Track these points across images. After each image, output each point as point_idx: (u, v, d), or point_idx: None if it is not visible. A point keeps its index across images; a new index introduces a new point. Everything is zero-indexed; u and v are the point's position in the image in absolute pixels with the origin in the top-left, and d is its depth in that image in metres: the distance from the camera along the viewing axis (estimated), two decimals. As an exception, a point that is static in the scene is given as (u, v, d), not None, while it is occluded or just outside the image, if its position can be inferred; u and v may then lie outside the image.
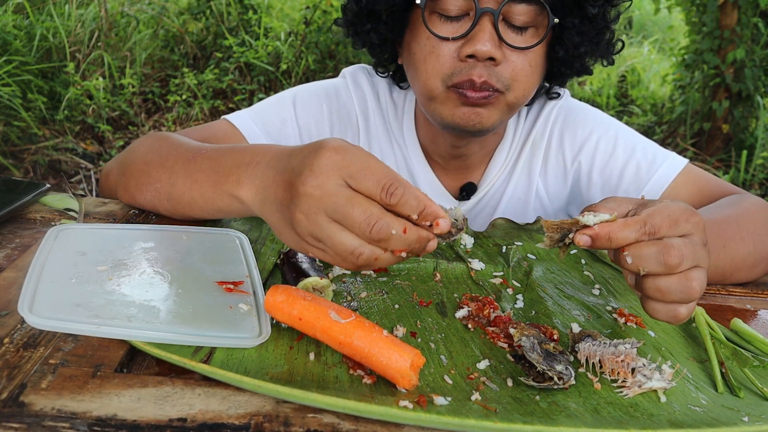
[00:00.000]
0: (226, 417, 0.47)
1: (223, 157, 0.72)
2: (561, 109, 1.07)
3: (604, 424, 0.50)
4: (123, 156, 0.90)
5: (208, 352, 0.55)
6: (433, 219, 0.54)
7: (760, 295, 0.82)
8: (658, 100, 4.82)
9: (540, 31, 0.88)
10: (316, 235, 0.55)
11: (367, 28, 0.95)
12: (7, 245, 0.73)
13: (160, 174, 0.80)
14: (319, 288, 0.65)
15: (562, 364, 0.56)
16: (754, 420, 0.53)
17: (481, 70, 0.86)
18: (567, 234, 0.60)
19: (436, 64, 0.88)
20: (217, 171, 0.71)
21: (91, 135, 3.71)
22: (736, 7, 3.77)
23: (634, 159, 1.01)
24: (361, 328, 0.54)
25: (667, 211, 0.59)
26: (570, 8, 0.89)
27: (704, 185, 0.99)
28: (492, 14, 0.85)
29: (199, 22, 4.35)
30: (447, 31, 0.87)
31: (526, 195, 1.09)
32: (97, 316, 0.56)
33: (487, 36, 0.84)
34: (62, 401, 0.47)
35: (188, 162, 0.76)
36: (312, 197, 0.54)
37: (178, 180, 0.77)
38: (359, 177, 0.54)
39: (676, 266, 0.56)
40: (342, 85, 1.09)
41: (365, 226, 0.52)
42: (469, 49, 0.85)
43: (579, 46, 0.92)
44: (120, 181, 0.87)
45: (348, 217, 0.53)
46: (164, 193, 0.79)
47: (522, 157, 1.07)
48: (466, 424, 0.48)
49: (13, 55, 3.43)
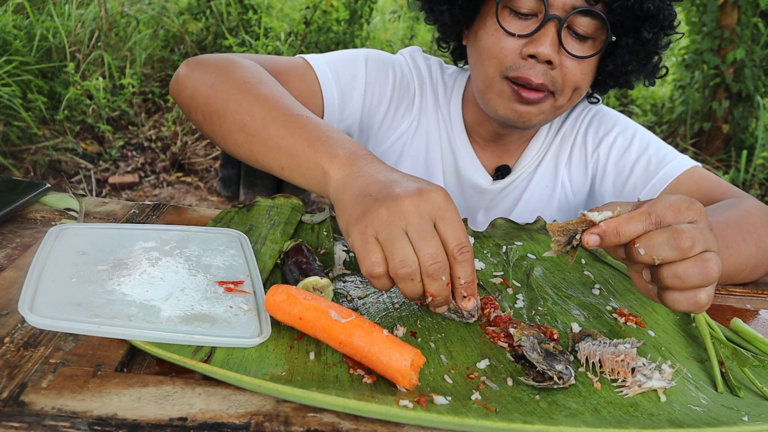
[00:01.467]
0: (226, 416, 0.47)
1: (328, 132, 0.72)
2: (591, 109, 1.14)
3: (604, 424, 0.50)
4: (213, 65, 0.86)
5: (209, 351, 0.55)
6: (470, 294, 0.60)
7: (760, 295, 0.83)
8: (658, 100, 4.82)
9: (597, 44, 0.94)
10: (384, 232, 0.58)
11: (443, 8, 1.01)
12: (7, 245, 0.73)
13: (256, 109, 0.78)
14: (320, 288, 0.65)
15: (562, 364, 0.56)
16: (754, 419, 0.53)
17: (538, 71, 0.92)
18: (573, 236, 0.60)
19: (500, 55, 0.94)
20: (318, 139, 0.71)
21: (91, 135, 3.72)
22: (736, 7, 3.77)
23: (645, 155, 1.06)
24: (362, 327, 0.54)
25: (668, 201, 0.59)
26: (627, 29, 0.94)
27: (705, 186, 1.00)
28: (558, 21, 0.90)
29: (199, 22, 4.35)
30: (515, 28, 0.93)
31: (553, 184, 1.14)
32: (97, 315, 0.56)
33: (549, 40, 0.90)
34: (63, 400, 0.47)
35: (292, 116, 0.76)
36: (407, 208, 0.58)
37: (273, 124, 0.76)
38: (448, 224, 0.59)
39: (690, 249, 0.57)
40: (402, 60, 1.15)
41: (429, 258, 0.57)
42: (531, 49, 0.90)
43: (628, 64, 0.98)
44: (202, 90, 0.84)
45: (422, 242, 0.57)
46: (250, 128, 0.77)
47: (552, 148, 1.13)
48: (466, 423, 0.48)
49: (13, 55, 3.43)
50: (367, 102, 1.09)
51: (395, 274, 0.57)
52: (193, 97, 0.85)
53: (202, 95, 0.83)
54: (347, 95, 1.06)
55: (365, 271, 0.58)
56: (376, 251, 0.58)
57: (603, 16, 0.90)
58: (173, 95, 0.91)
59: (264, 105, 0.78)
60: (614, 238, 0.58)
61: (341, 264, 0.76)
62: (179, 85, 0.89)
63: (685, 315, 0.73)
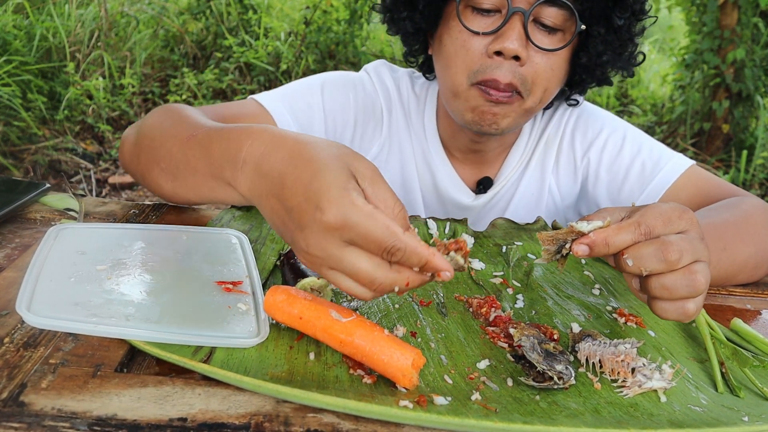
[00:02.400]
0: (226, 417, 0.47)
1: (213, 150, 0.69)
2: (575, 109, 1.10)
3: (604, 424, 0.50)
4: (140, 126, 0.87)
5: (208, 351, 0.55)
6: (435, 272, 0.53)
7: (761, 295, 0.82)
8: (658, 100, 4.82)
9: (567, 35, 0.91)
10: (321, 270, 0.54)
11: (404, 16, 0.98)
12: (7, 245, 0.73)
13: (164, 153, 0.77)
14: (318, 288, 0.65)
15: (562, 364, 0.56)
16: (754, 420, 0.53)
17: (506, 71, 0.88)
18: (563, 245, 0.60)
19: (465, 59, 0.91)
20: (212, 164, 0.68)
21: (91, 135, 3.71)
22: (736, 7, 3.77)
23: (639, 158, 1.03)
24: (363, 327, 0.54)
25: (658, 211, 0.59)
26: (598, 17, 0.91)
27: (705, 187, 0.98)
28: (523, 14, 0.87)
29: (199, 22, 4.35)
30: (479, 26, 0.90)
31: (539, 191, 1.11)
32: (95, 315, 0.56)
33: (515, 35, 0.86)
34: (62, 401, 0.47)
35: (189, 148, 0.73)
36: (315, 256, 0.53)
37: (180, 165, 0.74)
38: (360, 241, 0.52)
39: (677, 261, 0.57)
40: (366, 78, 1.12)
41: (368, 283, 0.52)
42: (497, 46, 0.87)
43: (602, 54, 0.94)
44: (134, 151, 0.85)
45: (352, 272, 0.52)
46: (170, 174, 0.77)
47: (536, 154, 1.10)
48: (466, 423, 0.48)
49: (13, 55, 3.43)
50: (329, 130, 1.06)
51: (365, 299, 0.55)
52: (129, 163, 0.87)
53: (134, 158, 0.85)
54: (306, 128, 1.03)
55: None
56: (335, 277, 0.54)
57: (569, 5, 0.87)
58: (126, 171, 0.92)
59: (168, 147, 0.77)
60: (603, 249, 0.58)
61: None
62: (121, 158, 0.92)
63: (685, 315, 0.73)
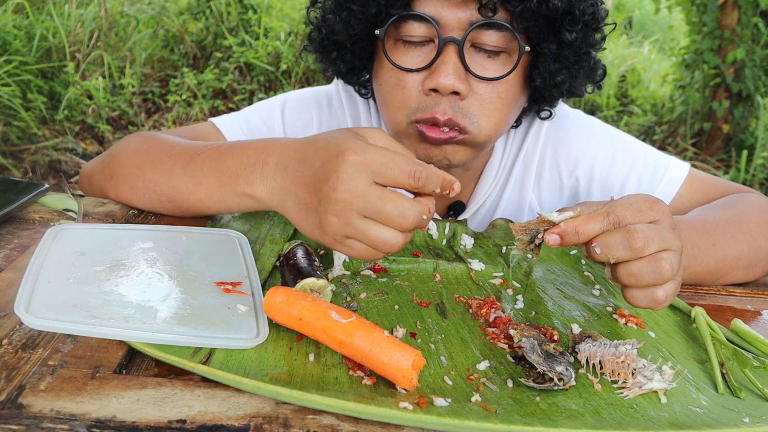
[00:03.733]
0: (225, 418, 0.47)
1: (225, 158, 0.72)
2: (553, 120, 1.00)
3: (604, 425, 0.50)
4: (106, 158, 0.88)
5: (208, 353, 0.55)
6: (450, 186, 0.61)
7: (761, 295, 0.82)
8: (658, 100, 4.81)
9: (513, 56, 0.81)
10: (350, 234, 0.59)
11: (334, 56, 0.91)
12: (5, 246, 0.73)
13: (157, 177, 0.79)
14: (317, 289, 0.64)
15: (562, 365, 0.56)
16: (754, 421, 0.53)
17: (445, 106, 0.81)
18: (536, 235, 0.62)
19: (402, 97, 0.83)
20: (222, 172, 0.71)
21: (91, 135, 3.71)
22: (737, 7, 3.77)
23: (635, 171, 0.98)
24: (362, 327, 0.54)
25: (629, 201, 0.61)
26: (546, 33, 0.81)
27: (709, 190, 0.97)
28: (456, 44, 0.78)
29: (198, 21, 4.35)
30: (411, 60, 0.82)
31: (518, 210, 1.04)
32: (93, 316, 0.56)
33: (450, 68, 0.78)
34: (61, 403, 0.47)
35: (187, 164, 0.76)
36: (344, 201, 0.58)
37: (179, 183, 0.77)
38: (385, 173, 0.58)
39: (642, 248, 0.58)
40: (335, 93, 1.05)
41: (400, 219, 0.58)
42: (431, 83, 0.80)
43: (556, 74, 0.85)
44: (108, 185, 0.86)
45: (382, 214, 0.58)
46: (165, 196, 0.79)
47: (514, 172, 1.02)
48: (466, 425, 0.48)
49: (13, 54, 3.42)
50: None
51: (391, 252, 0.60)
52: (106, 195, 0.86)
53: (110, 190, 0.85)
54: None
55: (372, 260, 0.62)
56: (362, 248, 0.60)
57: (508, 26, 0.78)
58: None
59: (161, 169, 0.78)
60: (573, 238, 0.60)
61: (340, 265, 0.76)
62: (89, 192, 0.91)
63: (685, 316, 0.72)
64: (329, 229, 0.60)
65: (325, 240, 0.62)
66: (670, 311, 0.73)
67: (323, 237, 0.62)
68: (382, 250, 0.60)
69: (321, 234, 0.62)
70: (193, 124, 1.04)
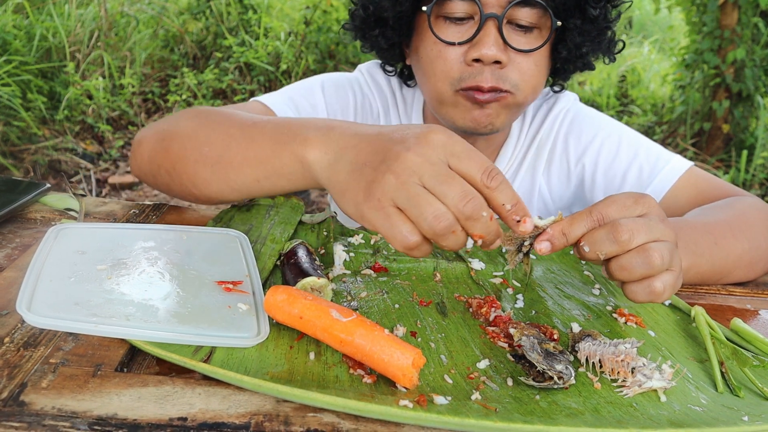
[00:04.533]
0: (226, 416, 0.47)
1: (291, 122, 0.69)
2: (569, 112, 1.08)
3: (604, 424, 0.50)
4: (162, 123, 0.86)
5: (209, 351, 0.55)
6: (523, 215, 0.56)
7: (761, 294, 0.82)
8: (658, 100, 4.82)
9: (544, 32, 0.90)
10: (400, 198, 0.54)
11: (375, 33, 0.97)
12: (7, 245, 0.73)
13: (213, 136, 0.76)
14: (318, 288, 0.65)
15: (562, 364, 0.56)
16: (753, 420, 0.53)
17: (488, 74, 0.88)
18: (522, 243, 0.61)
19: (444, 68, 0.90)
20: (281, 131, 0.68)
21: (91, 135, 3.71)
22: (737, 7, 3.77)
23: (636, 162, 1.02)
24: (363, 326, 0.54)
25: (612, 199, 0.61)
26: (572, 10, 0.90)
27: (704, 188, 0.98)
28: (496, 19, 0.86)
29: (199, 21, 4.35)
30: (453, 35, 0.89)
31: (529, 194, 1.10)
32: (95, 314, 0.56)
33: (492, 40, 0.86)
34: (63, 400, 0.47)
35: (248, 126, 0.73)
36: (413, 161, 0.54)
37: (233, 142, 0.74)
38: (463, 157, 0.55)
39: (629, 241, 0.58)
40: (362, 79, 1.12)
41: (460, 199, 0.53)
42: (475, 54, 0.87)
43: (581, 46, 0.94)
44: (158, 147, 0.83)
45: (445, 187, 0.53)
46: (214, 156, 0.75)
47: (527, 157, 1.09)
48: (466, 423, 0.48)
49: (13, 54, 3.43)
50: None
51: (433, 233, 0.54)
52: (153, 158, 0.83)
53: (159, 152, 0.82)
54: None
55: (399, 246, 0.55)
56: (402, 221, 0.54)
57: (542, 4, 0.87)
58: (137, 173, 0.90)
59: (218, 130, 0.76)
60: (561, 240, 0.60)
61: (341, 264, 0.76)
62: (137, 156, 0.88)
63: (684, 315, 0.73)
64: (379, 188, 0.55)
65: (368, 202, 0.56)
66: (669, 310, 0.73)
67: (367, 198, 0.56)
68: (429, 230, 0.54)
69: (365, 195, 0.56)
70: (240, 103, 1.04)
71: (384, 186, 0.55)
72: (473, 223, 0.54)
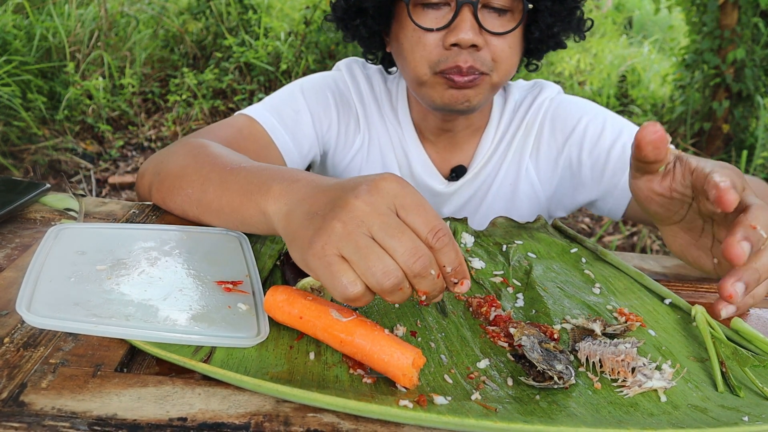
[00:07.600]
0: (226, 416, 0.47)
1: (262, 172, 0.69)
2: (554, 100, 1.15)
3: (604, 424, 0.50)
4: (160, 157, 0.91)
5: (209, 351, 0.55)
6: (462, 277, 0.55)
7: (761, 294, 0.82)
8: (658, 100, 4.81)
9: (516, 15, 0.97)
10: (344, 248, 0.52)
11: (357, 23, 1.03)
12: (7, 245, 0.73)
13: (194, 177, 0.79)
14: (318, 288, 0.64)
15: (562, 364, 0.56)
16: (754, 419, 0.53)
17: (466, 56, 0.94)
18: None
19: (423, 53, 0.96)
20: (251, 182, 0.69)
21: (91, 135, 3.71)
22: (737, 7, 3.77)
23: (620, 141, 1.07)
24: (363, 326, 0.54)
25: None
26: None
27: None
28: (471, 5, 0.92)
29: (198, 22, 4.35)
30: (431, 22, 0.95)
31: (516, 180, 1.15)
32: (94, 315, 0.56)
33: (468, 26, 0.92)
34: (62, 401, 0.47)
35: (226, 172, 0.75)
36: (361, 210, 0.52)
37: (210, 187, 0.76)
38: (412, 211, 0.53)
39: None
40: (339, 77, 1.17)
41: (410, 256, 0.51)
42: (452, 39, 0.93)
43: (552, 26, 1.01)
44: (154, 180, 0.87)
45: (395, 242, 0.51)
46: (195, 199, 0.78)
47: (514, 143, 1.14)
48: (466, 423, 0.48)
49: (13, 54, 3.43)
50: (318, 131, 1.11)
51: (381, 288, 0.52)
52: (152, 191, 0.88)
53: (155, 184, 0.86)
54: (298, 134, 1.08)
55: (339, 297, 0.52)
56: (342, 271, 0.51)
57: None
58: (144, 200, 0.93)
59: (200, 173, 0.79)
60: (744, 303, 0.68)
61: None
62: (140, 187, 0.94)
63: (685, 314, 0.72)
64: (324, 236, 0.52)
65: (311, 249, 0.53)
66: (670, 309, 0.73)
67: (311, 245, 0.53)
68: (376, 285, 0.52)
69: (309, 243, 0.53)
70: (225, 120, 1.06)
71: (330, 234, 0.52)
72: (420, 280, 0.53)
